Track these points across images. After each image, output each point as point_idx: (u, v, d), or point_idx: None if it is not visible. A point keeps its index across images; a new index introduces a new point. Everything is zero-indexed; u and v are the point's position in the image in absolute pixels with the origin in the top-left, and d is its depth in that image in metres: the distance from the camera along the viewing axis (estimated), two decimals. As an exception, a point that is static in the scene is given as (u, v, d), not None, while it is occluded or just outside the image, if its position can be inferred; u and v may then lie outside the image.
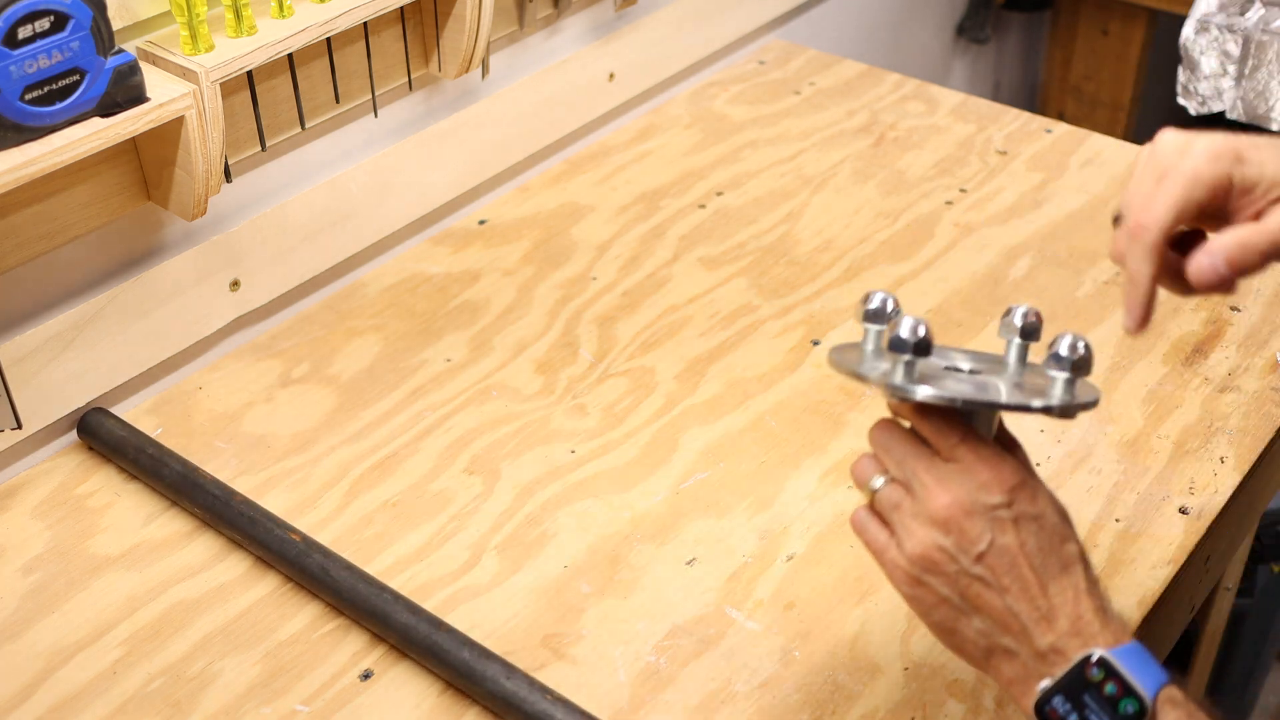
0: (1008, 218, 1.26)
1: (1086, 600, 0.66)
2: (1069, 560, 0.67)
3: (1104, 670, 0.64)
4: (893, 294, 0.74)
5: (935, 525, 0.66)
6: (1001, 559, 0.65)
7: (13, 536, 0.94)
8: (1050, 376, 0.69)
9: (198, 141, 0.92)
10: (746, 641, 0.85)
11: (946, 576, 0.66)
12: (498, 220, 1.27)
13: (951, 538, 0.66)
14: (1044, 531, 0.66)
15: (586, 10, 1.32)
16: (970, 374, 0.72)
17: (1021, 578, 0.65)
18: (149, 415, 1.04)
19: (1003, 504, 0.66)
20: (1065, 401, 0.68)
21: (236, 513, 0.92)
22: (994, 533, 0.66)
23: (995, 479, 0.66)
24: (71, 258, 0.98)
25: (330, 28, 0.99)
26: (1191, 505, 0.94)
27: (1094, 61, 1.96)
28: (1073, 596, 0.66)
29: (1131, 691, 0.63)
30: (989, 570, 0.66)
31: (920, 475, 0.67)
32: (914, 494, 0.67)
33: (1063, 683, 0.65)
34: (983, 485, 0.66)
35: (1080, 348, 0.68)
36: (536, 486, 0.97)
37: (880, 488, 0.69)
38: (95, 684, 0.84)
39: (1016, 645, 0.66)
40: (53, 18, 0.81)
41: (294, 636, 0.87)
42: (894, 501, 0.68)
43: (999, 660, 0.67)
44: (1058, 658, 0.65)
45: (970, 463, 0.67)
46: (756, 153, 1.36)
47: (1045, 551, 0.66)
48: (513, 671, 0.80)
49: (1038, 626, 0.66)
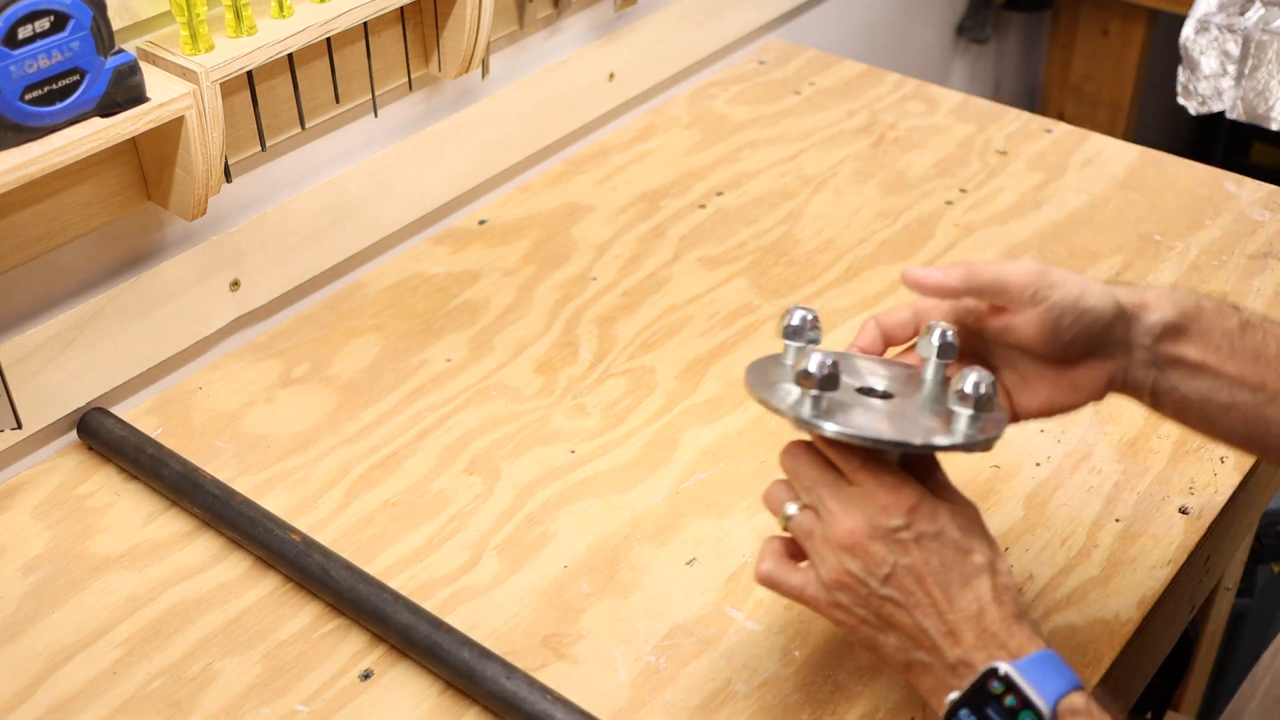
0: (1008, 218, 1.26)
1: (993, 611, 0.68)
2: (972, 573, 0.69)
3: (1004, 684, 0.66)
4: (813, 310, 0.77)
5: (843, 550, 0.69)
6: (906, 579, 0.68)
7: (13, 536, 0.94)
8: (955, 412, 0.71)
9: (198, 141, 0.92)
10: (746, 641, 0.85)
11: (860, 598, 0.70)
12: (498, 220, 1.27)
13: (858, 561, 0.69)
14: (945, 548, 0.69)
15: (586, 10, 1.32)
16: (884, 397, 0.74)
17: (928, 594, 0.68)
18: (149, 415, 1.04)
19: (903, 525, 0.69)
20: (970, 439, 0.70)
21: (236, 513, 0.92)
22: (897, 554, 0.69)
23: (894, 501, 0.69)
24: (71, 258, 0.98)
25: (330, 28, 0.99)
26: (1191, 505, 0.94)
27: (1094, 61, 1.96)
28: (977, 610, 0.68)
29: (1030, 704, 0.65)
30: (896, 590, 0.69)
31: (826, 501, 0.70)
32: (822, 519, 0.71)
33: (967, 695, 0.67)
34: (883, 509, 0.69)
35: (983, 388, 0.71)
36: (536, 486, 0.97)
37: (794, 515, 0.72)
38: (95, 684, 0.84)
39: (929, 659, 0.69)
40: (53, 18, 0.81)
41: (294, 636, 0.87)
42: (806, 529, 0.72)
43: (917, 673, 0.70)
44: (966, 670, 0.68)
45: (870, 487, 0.70)
46: (756, 153, 1.36)
47: (948, 567, 0.69)
48: (513, 671, 0.80)
49: (945, 640, 0.68)
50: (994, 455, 0.99)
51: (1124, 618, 0.86)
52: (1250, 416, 0.75)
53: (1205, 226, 1.24)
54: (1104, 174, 1.32)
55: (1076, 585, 0.89)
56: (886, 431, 0.70)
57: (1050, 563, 0.90)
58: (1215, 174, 1.31)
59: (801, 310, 0.76)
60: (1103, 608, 0.87)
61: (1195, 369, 0.75)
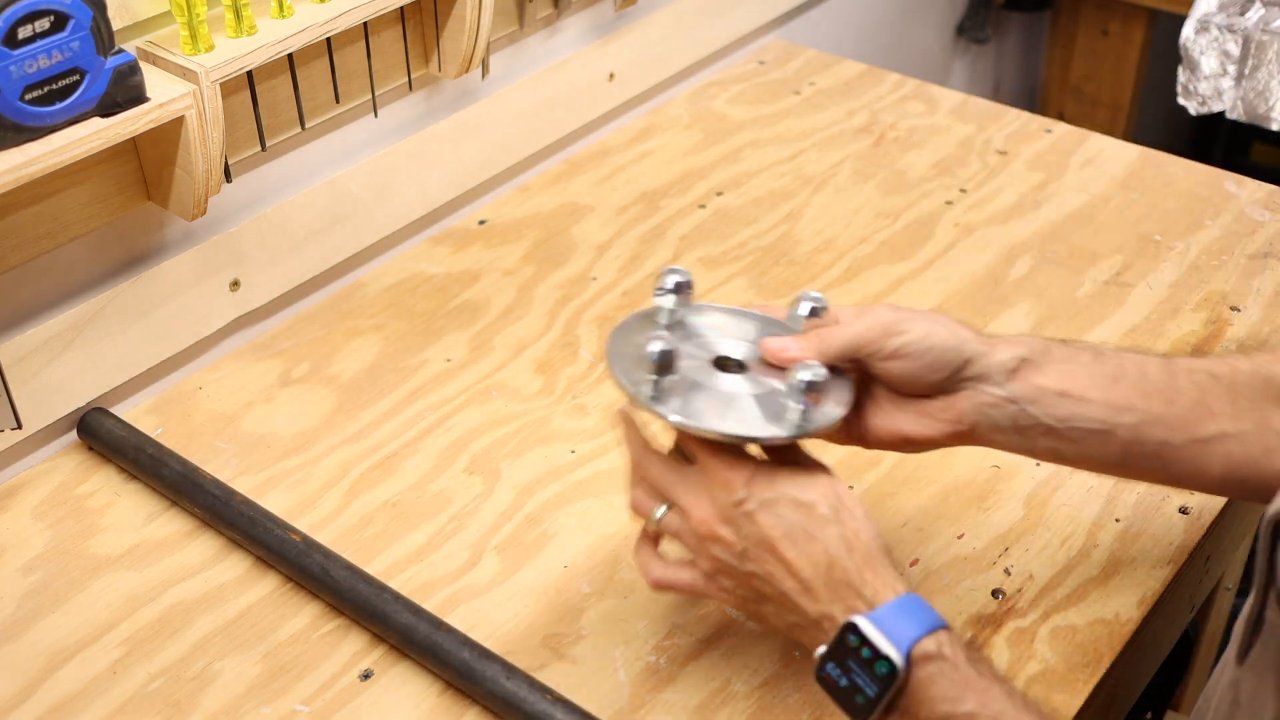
0: (1008, 218, 1.26)
1: (844, 561, 0.70)
2: (817, 526, 0.70)
3: (858, 636, 0.67)
4: (687, 275, 0.80)
5: (705, 540, 0.73)
6: (760, 548, 0.71)
7: (13, 536, 0.94)
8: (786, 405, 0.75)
9: (198, 141, 0.92)
10: (746, 641, 0.85)
11: (734, 578, 0.73)
12: (498, 220, 1.27)
13: (719, 545, 0.72)
14: (787, 509, 0.71)
15: (586, 10, 1.32)
16: (739, 370, 0.77)
17: (780, 558, 0.70)
18: (149, 415, 1.04)
19: (744, 499, 0.71)
20: (800, 430, 0.74)
21: (236, 513, 0.92)
22: (745, 527, 0.71)
23: (731, 476, 0.72)
24: (71, 258, 0.98)
25: (330, 28, 0.99)
26: (1191, 505, 0.94)
27: (1094, 61, 1.96)
28: (826, 563, 0.70)
29: (882, 654, 0.66)
30: (754, 562, 0.71)
31: (679, 498, 0.74)
32: (681, 514, 0.74)
33: (831, 649, 0.69)
34: (722, 485, 0.72)
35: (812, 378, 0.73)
36: (536, 486, 0.97)
37: (661, 518, 0.75)
38: (95, 684, 0.84)
39: (798, 619, 0.72)
40: (53, 18, 0.81)
41: (294, 636, 0.87)
42: (675, 528, 0.75)
43: (798, 634, 0.73)
44: (830, 624, 0.70)
45: (709, 466, 0.73)
46: (756, 153, 1.36)
47: (791, 526, 0.71)
48: (513, 671, 0.80)
49: (804, 599, 0.70)
50: (994, 455, 0.99)
51: (1124, 618, 0.86)
52: (1128, 440, 0.76)
53: (1205, 226, 1.24)
54: (1104, 174, 1.32)
55: (1076, 585, 0.89)
56: (715, 422, 0.73)
57: (1050, 563, 0.90)
58: (1215, 174, 1.31)
59: (675, 274, 0.80)
60: (1103, 608, 0.87)
61: (1058, 396, 0.77)
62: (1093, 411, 0.77)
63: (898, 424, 0.79)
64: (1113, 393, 0.77)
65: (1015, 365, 0.77)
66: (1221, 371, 0.77)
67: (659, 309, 0.81)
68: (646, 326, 0.80)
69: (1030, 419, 0.77)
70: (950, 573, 0.89)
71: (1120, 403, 0.76)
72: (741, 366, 0.78)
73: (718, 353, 0.78)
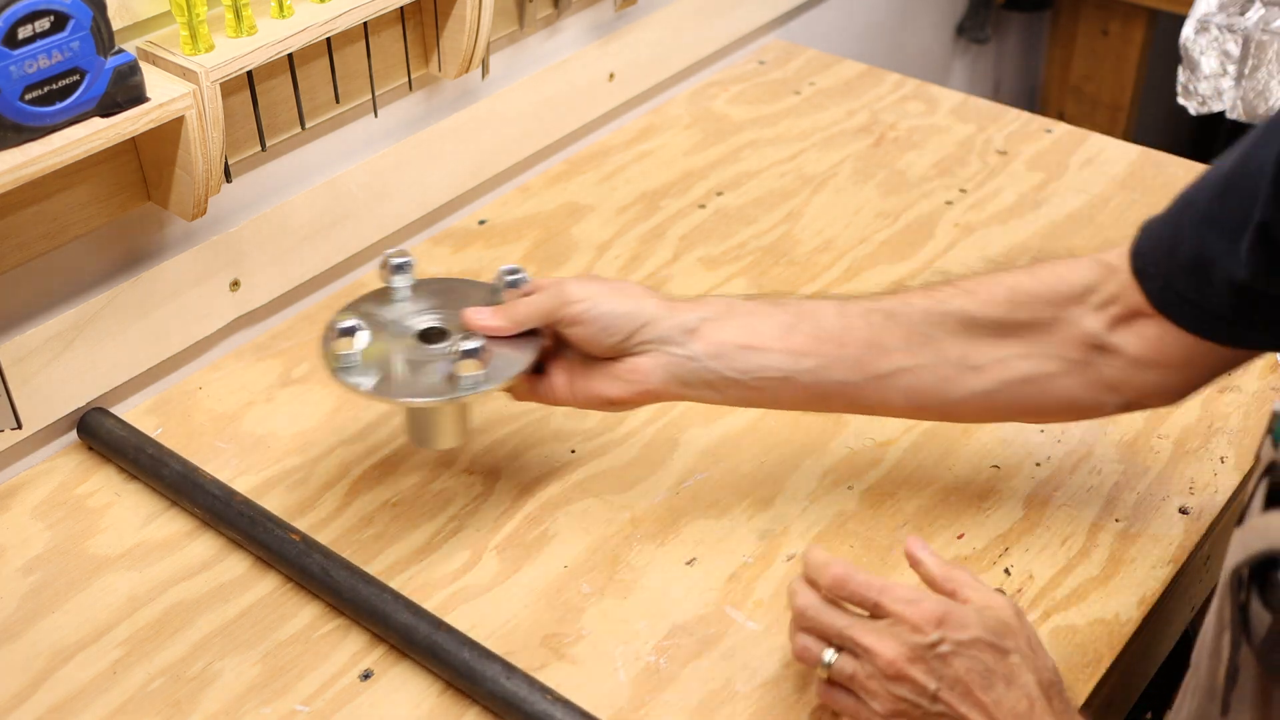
0: (1008, 218, 1.26)
1: (1041, 705, 0.71)
2: (1013, 672, 0.71)
3: None
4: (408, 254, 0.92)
5: (890, 680, 0.72)
6: (954, 691, 0.71)
7: (13, 536, 0.94)
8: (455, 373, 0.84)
9: (198, 141, 0.92)
10: (747, 641, 0.85)
11: (917, 719, 0.72)
12: (498, 220, 1.27)
13: (905, 686, 0.71)
14: (983, 652, 0.71)
15: (586, 10, 1.32)
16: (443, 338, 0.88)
17: (976, 702, 0.71)
18: (149, 415, 1.04)
19: (938, 640, 0.71)
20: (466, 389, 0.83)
21: (236, 513, 0.92)
22: (940, 668, 0.71)
23: (922, 619, 0.72)
24: (71, 258, 0.98)
25: (330, 28, 0.99)
26: (1191, 505, 0.94)
27: (1094, 61, 1.96)
28: (1026, 707, 0.71)
29: None
30: (946, 705, 0.71)
31: (859, 640, 0.73)
32: (860, 658, 0.73)
33: None
34: (914, 628, 0.72)
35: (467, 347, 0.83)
36: (536, 486, 0.97)
37: (834, 662, 0.75)
38: (95, 684, 0.84)
39: None
40: (53, 18, 0.81)
41: (294, 636, 0.87)
42: (848, 673, 0.74)
43: None
44: None
45: (896, 611, 0.73)
46: (756, 153, 1.36)
47: (990, 671, 0.71)
48: (513, 671, 0.80)
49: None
50: (994, 455, 0.99)
51: (1124, 618, 0.86)
52: (809, 383, 0.84)
53: (1205, 226, 1.23)
54: (1104, 174, 1.32)
55: (1076, 585, 0.89)
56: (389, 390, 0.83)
57: (1050, 563, 0.90)
58: (1215, 174, 1.31)
59: (395, 257, 0.91)
60: (1103, 608, 0.87)
61: (741, 349, 0.84)
62: (774, 360, 0.84)
63: (594, 385, 0.87)
64: (791, 341, 0.84)
65: (696, 325, 0.84)
66: (897, 309, 0.84)
67: (387, 289, 0.91)
68: (367, 305, 0.91)
69: (714, 373, 0.84)
70: (950, 573, 0.89)
71: (799, 349, 0.84)
72: (445, 335, 0.88)
73: (427, 325, 0.89)
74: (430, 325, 0.89)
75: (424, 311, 0.90)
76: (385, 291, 0.92)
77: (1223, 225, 0.72)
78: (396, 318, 0.89)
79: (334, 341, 0.85)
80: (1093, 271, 0.81)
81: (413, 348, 0.87)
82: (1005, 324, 0.82)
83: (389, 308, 0.90)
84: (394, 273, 0.91)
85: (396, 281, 0.92)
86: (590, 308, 0.84)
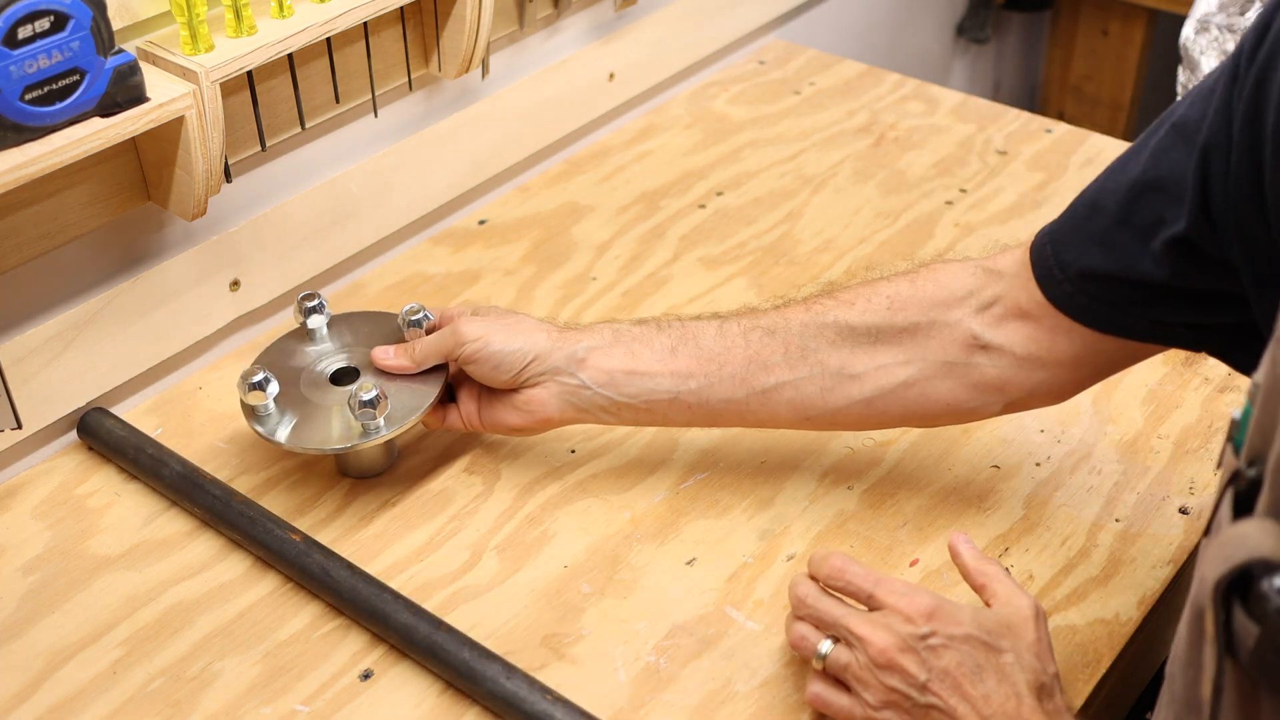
0: (1008, 218, 1.26)
1: (1029, 702, 0.71)
2: (1005, 670, 0.72)
3: None
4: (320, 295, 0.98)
5: (881, 669, 0.73)
6: (943, 683, 0.72)
7: (13, 536, 0.94)
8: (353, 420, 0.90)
9: (198, 141, 0.92)
10: (746, 641, 0.85)
11: (907, 710, 0.73)
12: (498, 220, 1.27)
13: (896, 676, 0.72)
14: (975, 648, 0.72)
15: (586, 10, 1.32)
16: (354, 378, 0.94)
17: (965, 695, 0.71)
18: (149, 415, 1.04)
19: (929, 633, 0.72)
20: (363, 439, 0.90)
21: (236, 513, 0.92)
22: (930, 660, 0.72)
23: (914, 612, 0.73)
24: (71, 258, 0.98)
25: (330, 28, 0.99)
26: (1191, 505, 0.94)
27: (1094, 61, 1.96)
28: (1015, 705, 0.71)
29: None
30: (936, 696, 0.72)
31: (853, 629, 0.74)
32: (853, 648, 0.74)
33: None
34: (906, 620, 0.73)
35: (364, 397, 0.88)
36: (536, 486, 0.97)
37: (829, 653, 0.76)
38: (95, 684, 0.84)
39: None
40: (53, 18, 0.81)
41: (294, 636, 0.87)
42: (843, 662, 0.75)
43: None
44: None
45: (889, 604, 0.74)
46: (756, 153, 1.36)
47: (980, 666, 0.72)
48: (513, 671, 0.80)
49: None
50: (994, 455, 0.99)
51: (1124, 618, 0.86)
52: (695, 402, 0.88)
53: (1205, 226, 1.23)
54: (1104, 174, 1.32)
55: (1076, 585, 0.89)
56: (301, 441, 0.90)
57: (1050, 563, 0.90)
58: (1215, 174, 1.31)
59: (309, 299, 0.97)
60: (1103, 608, 0.87)
61: (627, 375, 0.88)
62: (660, 384, 0.88)
63: (498, 415, 0.92)
64: (674, 363, 0.88)
65: (584, 355, 0.89)
66: (776, 325, 0.87)
67: (303, 328, 0.98)
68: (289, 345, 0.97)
69: (605, 399, 0.89)
70: (951, 573, 0.89)
71: (682, 370, 0.88)
72: (356, 374, 0.95)
73: (338, 366, 0.95)
74: (341, 366, 0.95)
75: (338, 351, 0.97)
76: (302, 331, 0.98)
77: (1135, 228, 0.73)
78: (310, 362, 0.96)
79: (247, 395, 0.91)
80: (973, 276, 0.83)
81: (325, 391, 0.94)
82: (884, 330, 0.85)
83: (305, 348, 0.97)
84: (307, 315, 0.97)
85: (312, 322, 0.98)
86: (482, 347, 0.89)
